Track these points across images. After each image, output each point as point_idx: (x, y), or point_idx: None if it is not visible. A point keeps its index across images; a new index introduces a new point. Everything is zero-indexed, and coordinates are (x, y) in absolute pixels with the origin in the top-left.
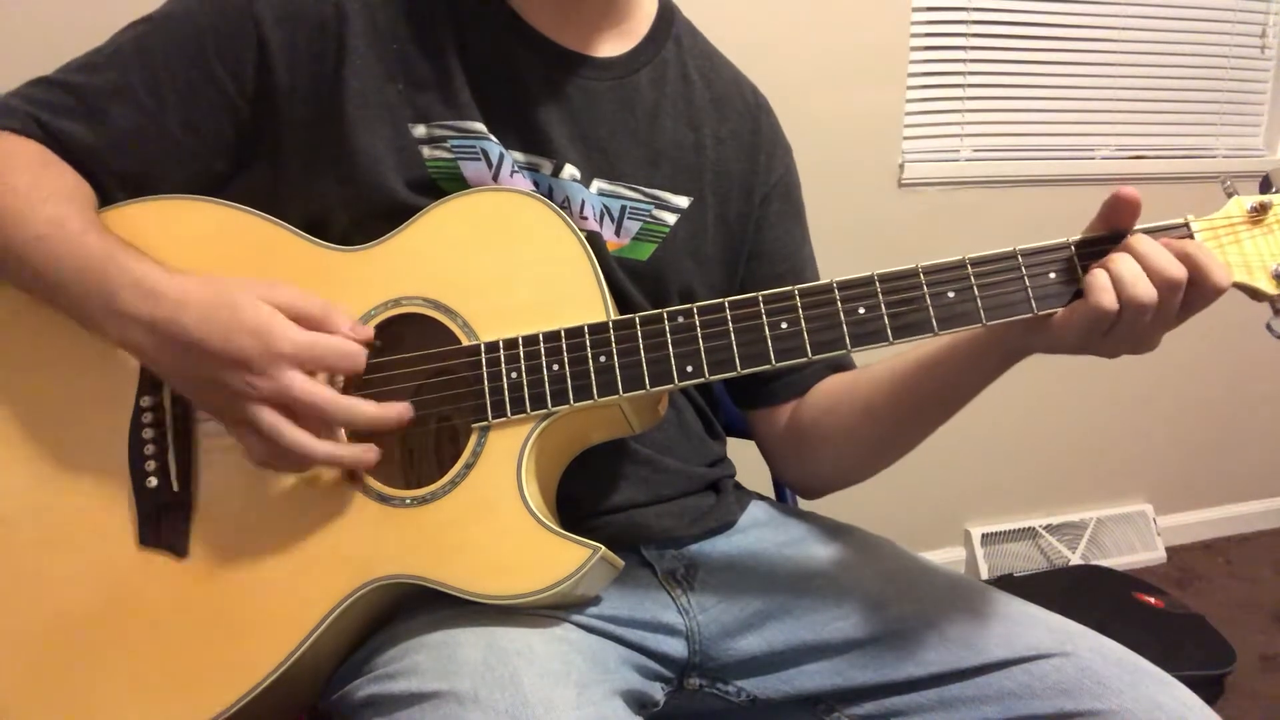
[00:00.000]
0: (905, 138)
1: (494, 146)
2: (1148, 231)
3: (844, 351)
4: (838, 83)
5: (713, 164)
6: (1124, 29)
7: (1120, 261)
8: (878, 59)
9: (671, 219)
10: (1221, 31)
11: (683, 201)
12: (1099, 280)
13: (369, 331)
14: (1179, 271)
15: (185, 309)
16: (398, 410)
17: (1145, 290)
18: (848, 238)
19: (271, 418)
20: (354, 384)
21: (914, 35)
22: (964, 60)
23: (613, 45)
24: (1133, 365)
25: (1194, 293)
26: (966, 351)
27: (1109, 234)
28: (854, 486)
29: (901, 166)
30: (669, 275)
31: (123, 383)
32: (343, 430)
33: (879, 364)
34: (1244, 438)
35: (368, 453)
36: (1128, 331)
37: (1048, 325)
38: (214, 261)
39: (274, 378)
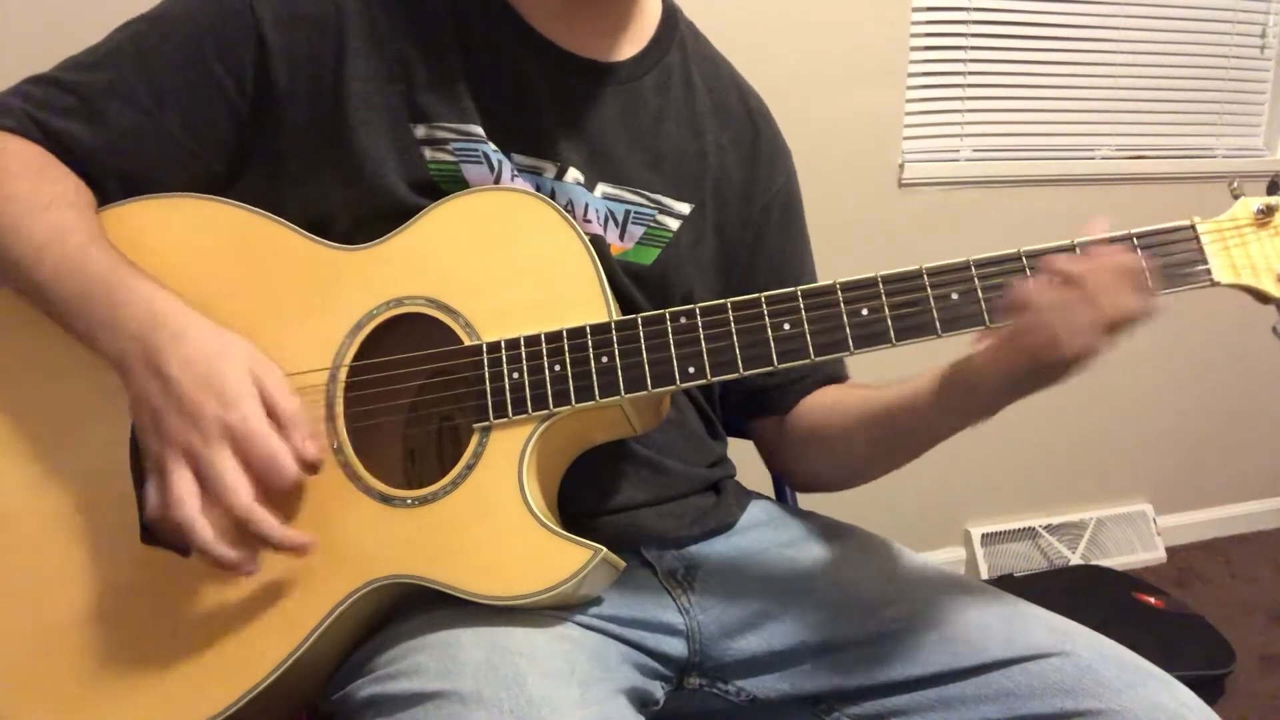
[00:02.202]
0: (905, 138)
1: (493, 151)
2: (1152, 233)
3: (847, 353)
4: (838, 83)
5: (714, 171)
6: (1124, 29)
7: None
8: (878, 59)
9: (675, 224)
10: (1221, 31)
11: (684, 208)
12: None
13: (316, 454)
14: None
15: (180, 344)
16: (296, 540)
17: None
18: (848, 238)
19: (181, 479)
20: (353, 390)
21: (914, 35)
22: (964, 60)
23: (617, 49)
24: (1133, 365)
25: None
26: (924, 402)
27: (1117, 236)
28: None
29: (901, 166)
30: (673, 280)
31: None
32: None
33: (861, 393)
34: (1244, 438)
35: (245, 564)
36: (1048, 337)
37: (975, 361)
38: (213, 260)
39: (208, 445)
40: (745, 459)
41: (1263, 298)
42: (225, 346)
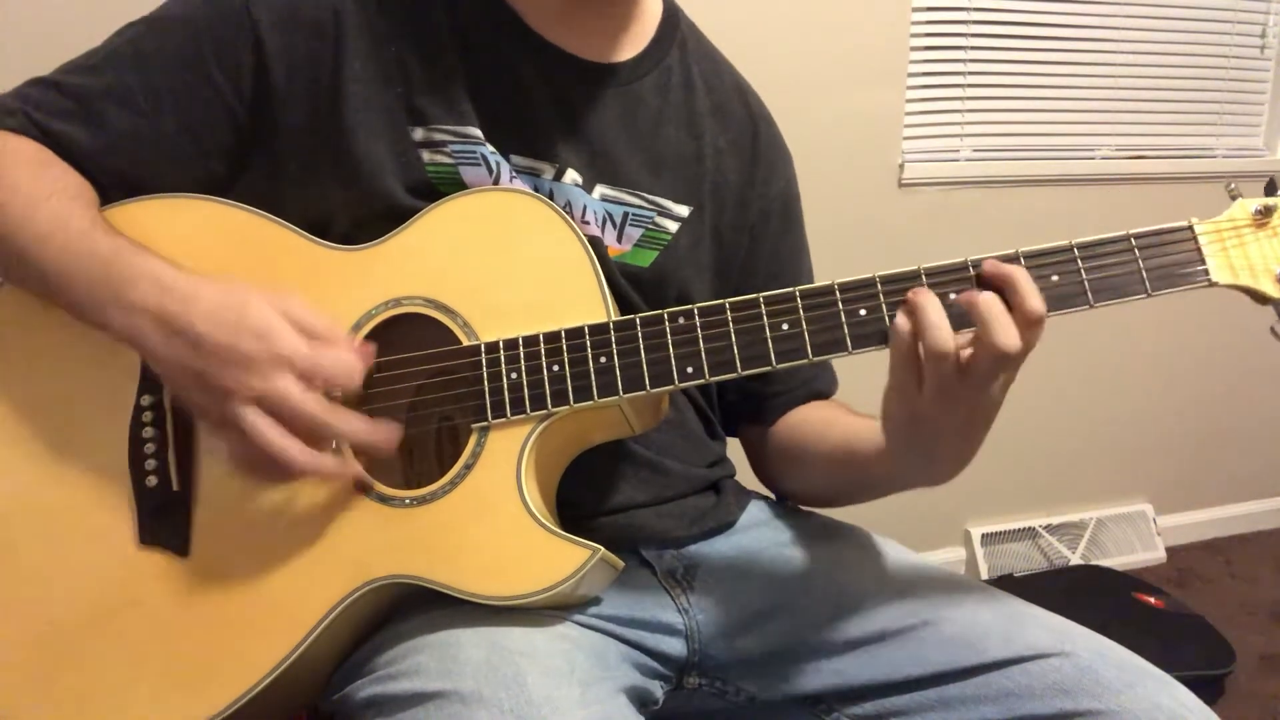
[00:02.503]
0: (905, 138)
1: (491, 154)
2: (1150, 234)
3: (845, 353)
4: (838, 83)
5: (711, 173)
6: (1124, 29)
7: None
8: (878, 59)
9: (673, 227)
10: (1221, 31)
11: (683, 210)
12: (897, 322)
13: (370, 350)
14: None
15: (195, 303)
16: (388, 430)
17: (941, 333)
18: (848, 238)
19: (257, 418)
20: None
21: (914, 35)
22: (964, 60)
23: (617, 51)
24: (1132, 366)
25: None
26: (869, 448)
27: (1115, 237)
28: None
29: (901, 166)
30: (670, 283)
31: (123, 382)
32: (333, 444)
33: (822, 424)
34: (1244, 438)
35: (349, 466)
36: (941, 382)
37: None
38: (214, 259)
39: (270, 380)
40: (745, 459)
41: (1261, 298)
42: (239, 292)
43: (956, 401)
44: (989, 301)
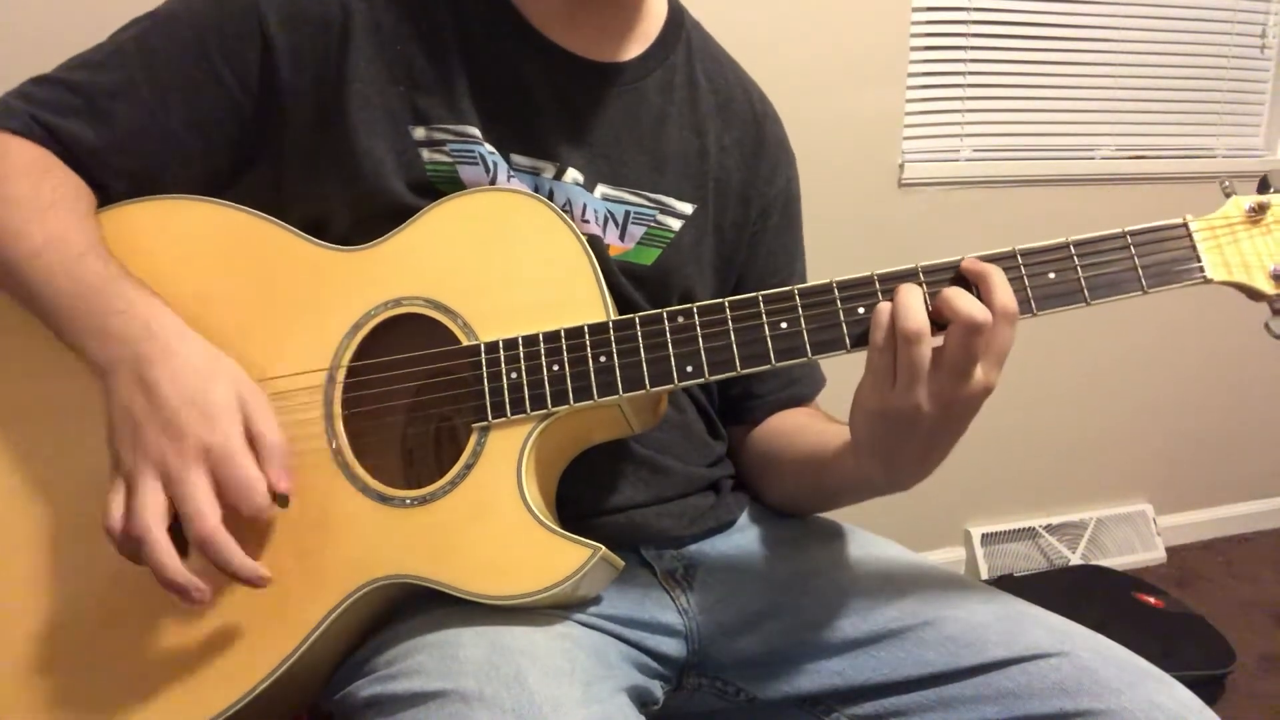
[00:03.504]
0: (905, 138)
1: (489, 153)
2: (1145, 231)
3: (844, 351)
4: (838, 83)
5: (714, 170)
6: (1124, 29)
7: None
8: (878, 59)
9: (677, 225)
10: (1221, 31)
11: (687, 208)
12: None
13: (288, 487)
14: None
15: (169, 359)
16: (254, 573)
17: (916, 320)
18: (848, 238)
19: (151, 491)
20: (351, 390)
21: (914, 35)
22: (964, 60)
23: (621, 51)
24: (1132, 366)
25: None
26: (833, 458)
27: (1111, 234)
28: None
29: (901, 166)
30: (673, 281)
31: None
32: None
33: (791, 435)
34: (1244, 438)
35: (195, 593)
36: (913, 370)
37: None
38: (212, 261)
39: (184, 462)
40: None
41: (1255, 295)
42: (216, 367)
43: (926, 395)
44: (956, 289)
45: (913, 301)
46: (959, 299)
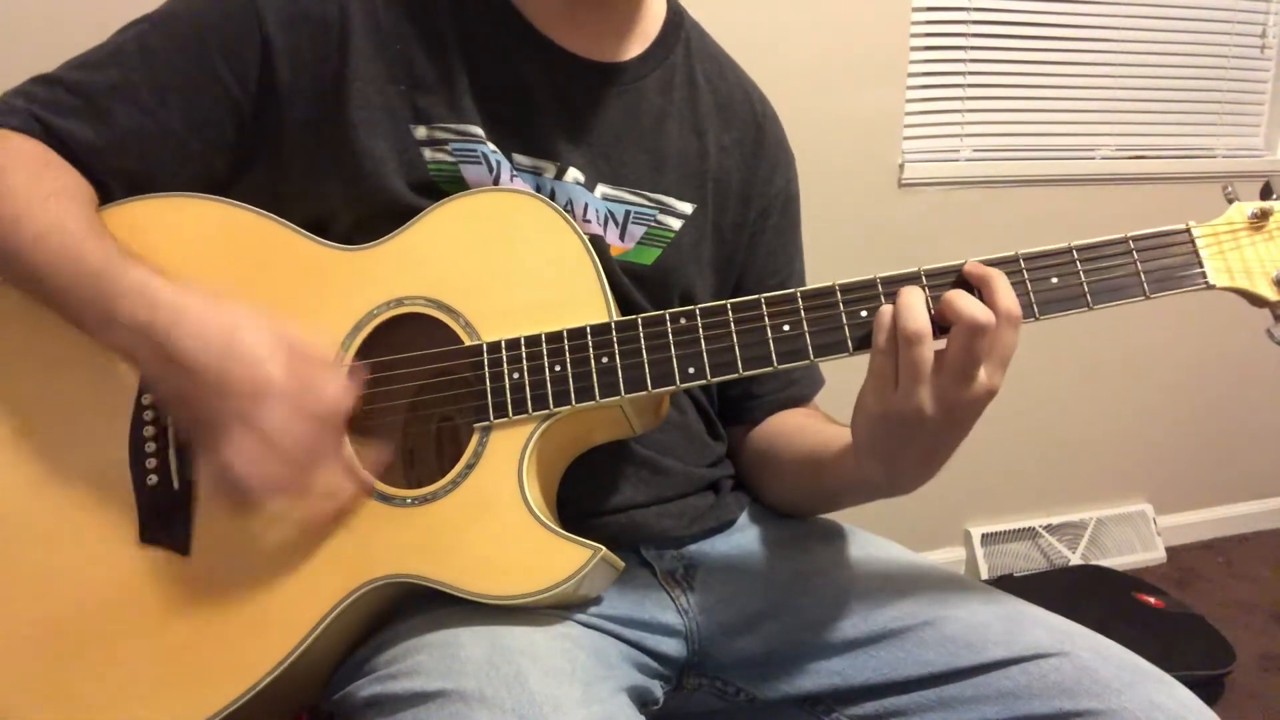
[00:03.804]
0: (905, 138)
1: (492, 152)
2: (1148, 236)
3: (846, 354)
4: (838, 83)
5: (714, 170)
6: (1124, 29)
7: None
8: (878, 59)
9: (677, 224)
10: (1221, 31)
11: (687, 208)
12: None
13: (361, 374)
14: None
15: (183, 323)
16: (366, 477)
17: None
18: (848, 238)
19: (239, 450)
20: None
21: (914, 35)
22: (964, 60)
23: (621, 50)
24: (1133, 365)
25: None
26: (835, 458)
27: (1113, 240)
28: None
29: (901, 166)
30: (673, 280)
31: (124, 380)
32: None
33: (794, 431)
34: (1244, 438)
35: (323, 504)
36: (915, 371)
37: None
38: (214, 259)
39: (257, 410)
40: None
41: (1257, 301)
42: (229, 314)
43: (929, 397)
44: (958, 291)
45: (914, 302)
46: (961, 300)
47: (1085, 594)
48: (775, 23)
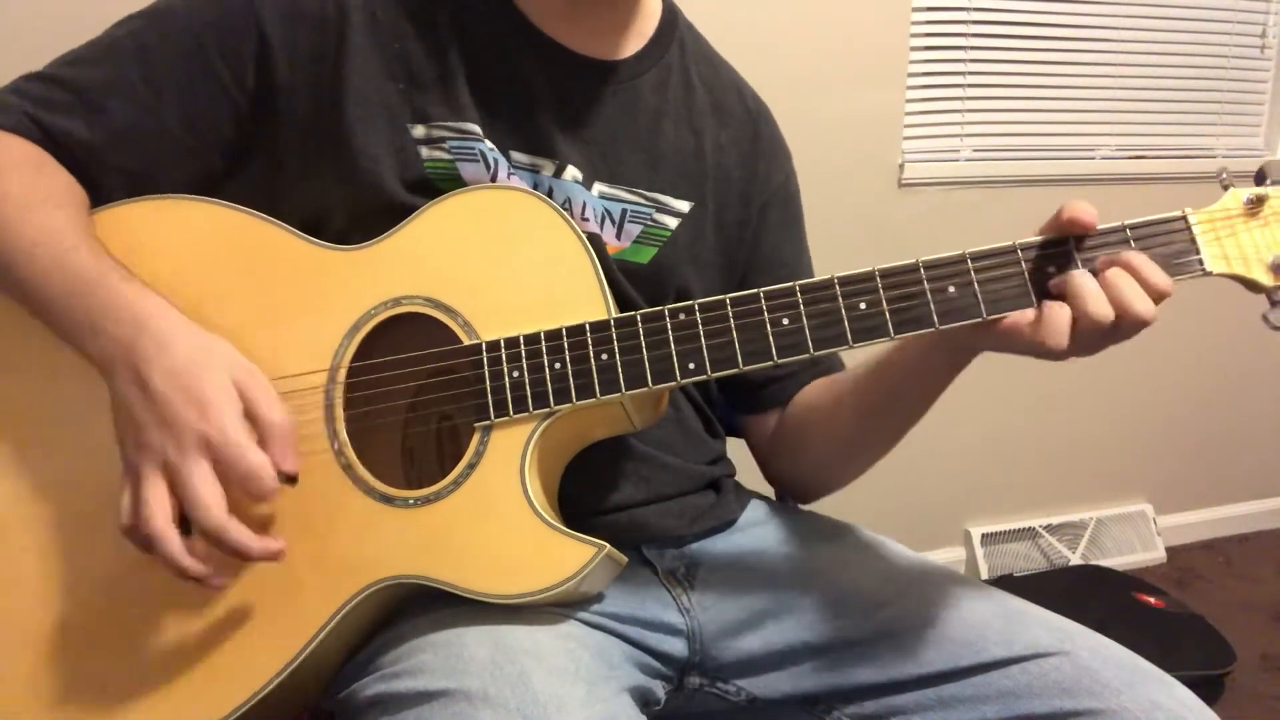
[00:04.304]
0: (905, 138)
1: (489, 150)
2: (1145, 224)
3: (846, 347)
4: (838, 83)
5: (713, 170)
6: (1124, 29)
7: (1089, 299)
8: (878, 59)
9: (673, 223)
10: (1221, 31)
11: (684, 206)
12: (1053, 315)
13: (295, 467)
14: (1147, 310)
15: (162, 353)
16: (267, 547)
17: (1096, 328)
18: (848, 238)
19: (155, 489)
20: (352, 391)
21: (914, 35)
22: (964, 60)
23: (618, 49)
24: (1133, 365)
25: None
26: (916, 349)
27: (1110, 227)
28: (854, 486)
29: (901, 166)
30: (668, 279)
31: None
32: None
33: (851, 368)
34: (1244, 438)
35: (211, 578)
36: (1094, 340)
37: (994, 327)
38: (209, 262)
39: (184, 455)
40: (745, 459)
41: (1254, 287)
42: (209, 354)
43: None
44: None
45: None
46: (1140, 305)
47: (1085, 594)
48: (775, 23)
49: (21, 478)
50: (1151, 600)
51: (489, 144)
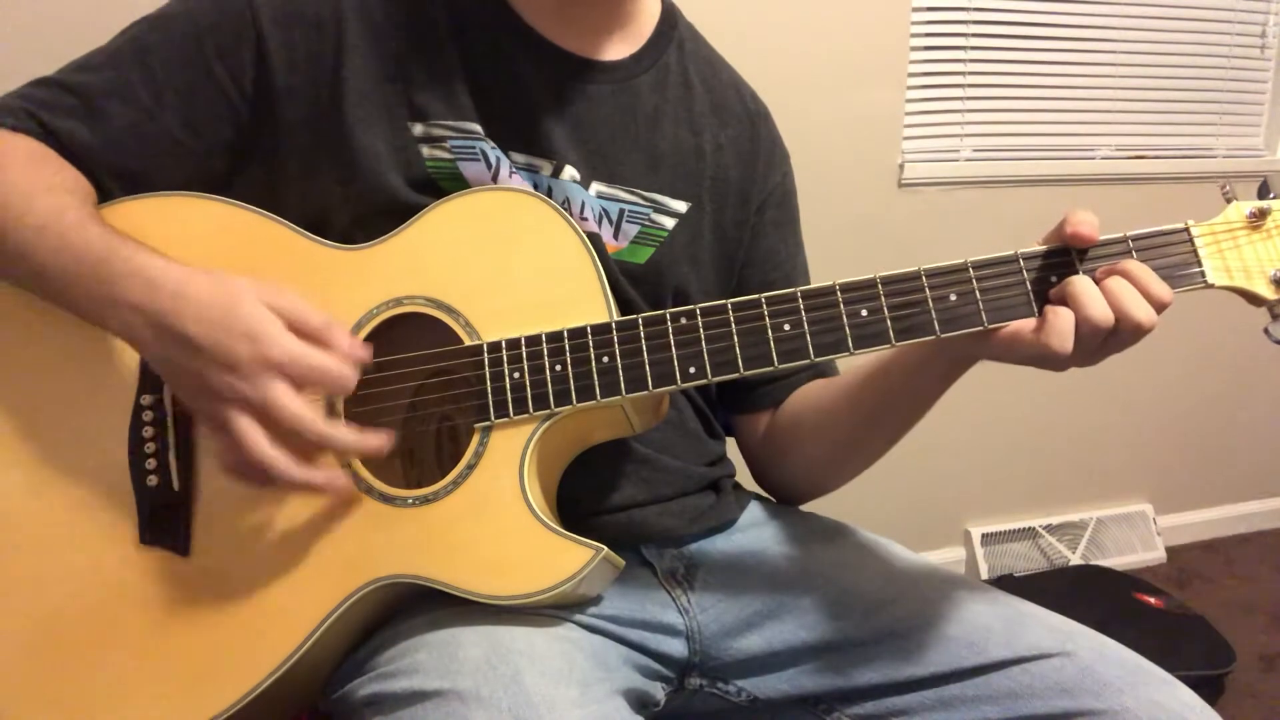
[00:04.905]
0: (905, 138)
1: (491, 149)
2: (1147, 236)
3: (847, 353)
4: (838, 83)
5: (712, 170)
6: (1124, 29)
7: (1089, 303)
8: (878, 59)
9: (670, 223)
10: (1221, 31)
11: (681, 206)
12: (1058, 319)
13: (365, 352)
14: (1148, 317)
15: (183, 301)
16: (377, 440)
17: (1096, 333)
18: (848, 238)
19: (246, 426)
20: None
21: (914, 35)
22: (964, 60)
23: (615, 49)
24: (1132, 365)
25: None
26: (916, 356)
27: (1111, 239)
28: (855, 487)
29: (901, 166)
30: (666, 279)
31: (123, 381)
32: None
33: (847, 372)
34: (1244, 438)
35: (336, 480)
36: (1095, 346)
37: (996, 335)
38: (213, 259)
39: (258, 386)
40: (744, 461)
41: (1255, 300)
42: (230, 287)
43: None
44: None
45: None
46: (1140, 311)
47: (1085, 594)
48: (775, 23)
49: (21, 473)
50: (1151, 600)
51: (491, 143)
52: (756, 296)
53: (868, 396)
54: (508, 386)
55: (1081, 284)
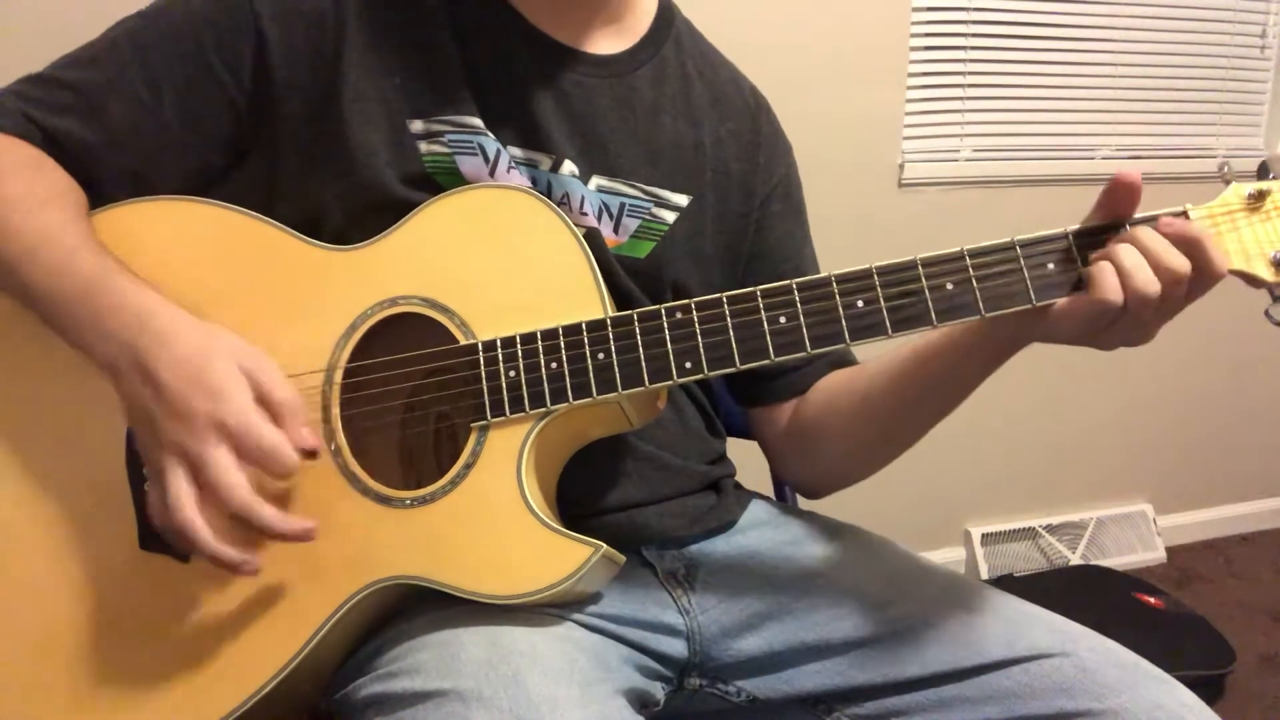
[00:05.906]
0: (905, 138)
1: (490, 142)
2: (1146, 220)
3: (843, 346)
4: (838, 83)
5: (712, 163)
6: (1124, 29)
7: (1124, 254)
8: (878, 59)
9: (670, 217)
10: (1221, 31)
11: (682, 200)
12: (1103, 273)
13: (316, 444)
14: (1182, 264)
15: (164, 347)
16: (298, 527)
17: (1148, 282)
18: (848, 238)
19: (179, 483)
20: (349, 391)
21: (914, 35)
22: (964, 60)
23: (611, 43)
24: (1132, 364)
25: (1195, 281)
26: (963, 341)
27: (1109, 223)
28: (854, 486)
29: (901, 166)
30: (667, 273)
31: None
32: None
33: (879, 358)
34: (1244, 438)
35: (247, 562)
36: (1129, 323)
37: (1046, 315)
38: (206, 264)
39: (201, 443)
40: (745, 459)
41: (1255, 282)
42: (213, 342)
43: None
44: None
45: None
46: (1174, 258)
47: (1085, 594)
48: (775, 23)
49: (20, 481)
50: (1151, 600)
51: (491, 137)
52: (751, 290)
53: (911, 385)
54: (504, 385)
55: (1110, 249)
